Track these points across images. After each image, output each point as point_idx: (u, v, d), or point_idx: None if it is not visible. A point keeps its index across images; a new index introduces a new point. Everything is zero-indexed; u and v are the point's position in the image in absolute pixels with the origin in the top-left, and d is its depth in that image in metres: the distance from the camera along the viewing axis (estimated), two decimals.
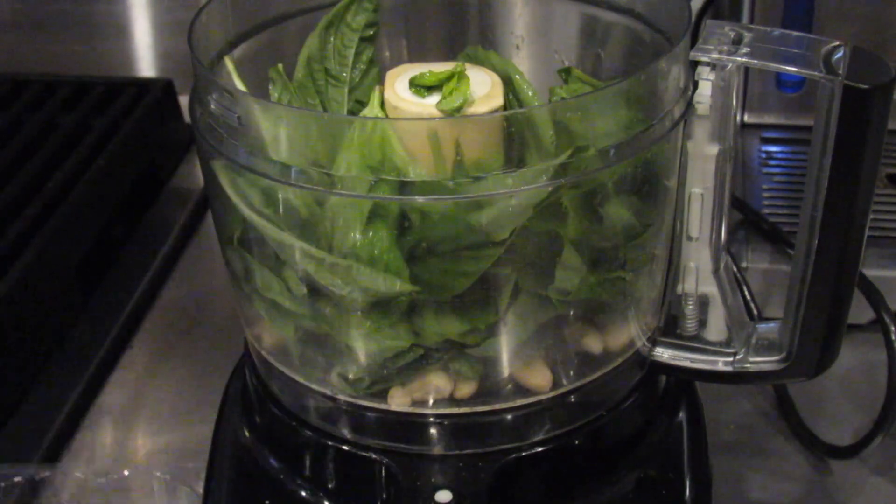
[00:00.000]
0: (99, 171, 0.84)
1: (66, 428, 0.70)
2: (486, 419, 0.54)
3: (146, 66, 1.10)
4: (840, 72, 0.48)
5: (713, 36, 0.51)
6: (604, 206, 0.51)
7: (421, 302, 0.51)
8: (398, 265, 0.49)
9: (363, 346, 0.53)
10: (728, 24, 0.52)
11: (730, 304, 0.57)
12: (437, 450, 0.54)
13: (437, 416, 0.54)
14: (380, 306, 0.51)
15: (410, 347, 0.52)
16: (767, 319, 0.60)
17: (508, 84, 0.57)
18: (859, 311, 0.66)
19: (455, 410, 0.53)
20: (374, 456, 0.54)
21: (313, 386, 0.55)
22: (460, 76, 0.52)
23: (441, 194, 0.47)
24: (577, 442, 0.55)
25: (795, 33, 0.52)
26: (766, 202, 0.83)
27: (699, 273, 0.56)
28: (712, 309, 0.57)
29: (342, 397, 0.54)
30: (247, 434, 0.60)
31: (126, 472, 0.63)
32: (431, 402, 0.54)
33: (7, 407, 0.70)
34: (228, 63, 0.56)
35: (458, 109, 0.51)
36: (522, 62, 0.64)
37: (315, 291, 0.52)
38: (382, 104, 0.54)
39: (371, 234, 0.49)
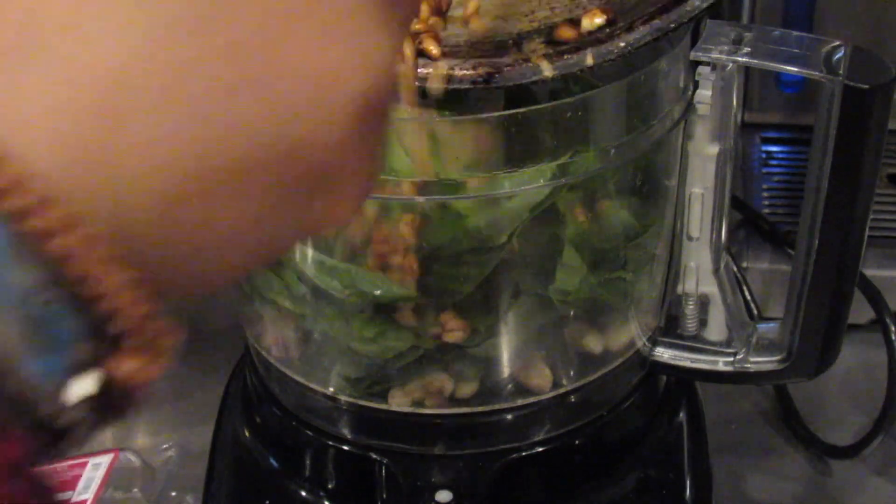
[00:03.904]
0: None
1: None
2: (486, 419, 0.54)
3: None
4: (840, 72, 0.48)
5: (713, 36, 0.51)
6: (604, 207, 0.51)
7: (422, 304, 0.51)
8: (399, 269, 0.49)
9: (363, 347, 0.53)
10: (728, 24, 0.52)
11: (730, 304, 0.57)
12: (438, 450, 0.54)
13: (437, 416, 0.54)
14: (380, 308, 0.51)
15: (411, 348, 0.52)
16: (767, 319, 0.60)
17: None
18: (859, 311, 0.66)
19: (455, 410, 0.53)
20: (374, 456, 0.54)
21: (313, 386, 0.55)
22: None
23: (441, 194, 0.47)
24: (577, 442, 0.55)
25: (796, 33, 0.52)
26: (766, 202, 0.83)
27: (699, 273, 0.56)
28: (712, 309, 0.57)
29: (342, 397, 0.54)
30: (247, 434, 0.60)
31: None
32: (432, 402, 0.54)
33: None
34: None
35: None
36: None
37: (315, 293, 0.52)
38: None
39: (371, 237, 0.49)
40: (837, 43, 0.50)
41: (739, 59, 0.50)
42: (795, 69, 0.50)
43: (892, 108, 0.49)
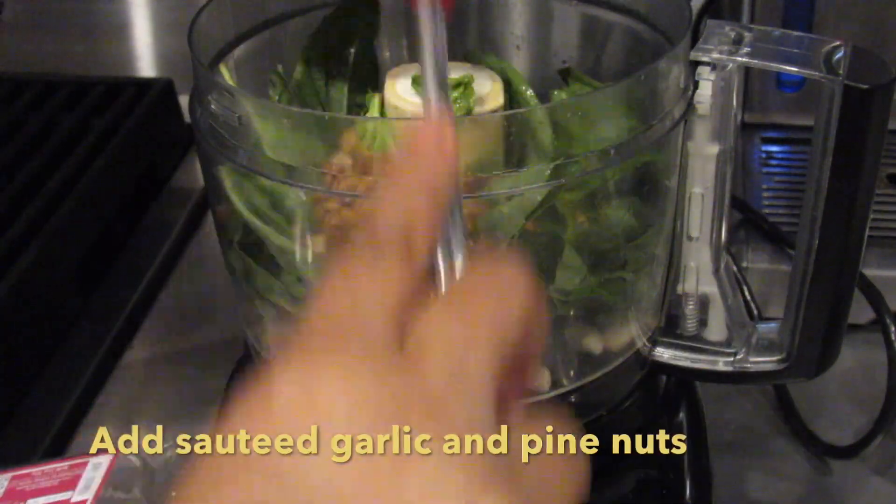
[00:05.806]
0: (99, 171, 0.84)
1: (66, 428, 0.70)
2: None
3: (146, 66, 1.10)
4: (840, 72, 0.48)
5: (713, 36, 0.51)
6: (604, 207, 0.51)
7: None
8: None
9: None
10: (728, 23, 0.52)
11: (730, 304, 0.57)
12: None
13: None
14: None
15: None
16: (767, 319, 0.60)
17: (506, 86, 0.57)
18: (859, 311, 0.66)
19: None
20: None
21: None
22: (466, 87, 0.52)
23: None
24: None
25: (796, 33, 0.52)
26: (766, 202, 0.83)
27: (699, 273, 0.56)
28: (712, 309, 0.57)
29: None
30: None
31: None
32: None
33: (7, 407, 0.70)
34: (223, 70, 0.56)
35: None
36: (522, 62, 0.64)
37: None
38: (382, 110, 0.54)
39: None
40: (837, 43, 0.50)
41: (739, 59, 0.50)
42: (795, 69, 0.50)
43: (893, 107, 0.49)
